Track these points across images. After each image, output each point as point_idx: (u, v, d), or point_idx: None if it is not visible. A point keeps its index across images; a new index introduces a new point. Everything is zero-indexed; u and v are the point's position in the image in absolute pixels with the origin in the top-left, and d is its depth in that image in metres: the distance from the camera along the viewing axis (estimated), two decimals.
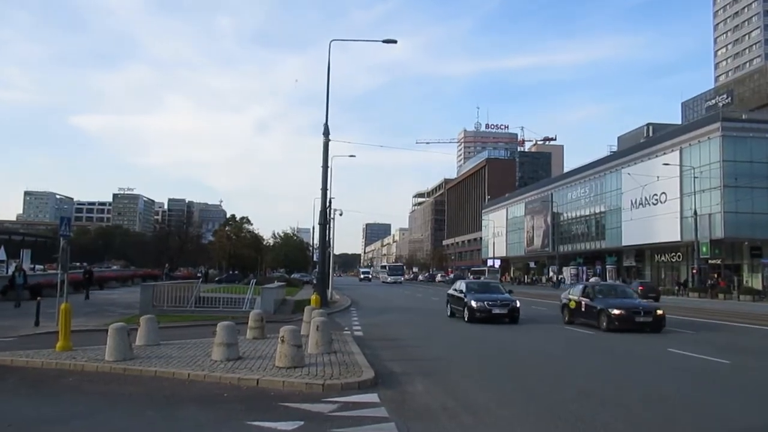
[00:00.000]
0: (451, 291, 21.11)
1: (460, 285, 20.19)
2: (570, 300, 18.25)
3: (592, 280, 24.79)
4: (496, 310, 18.01)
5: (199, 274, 54.81)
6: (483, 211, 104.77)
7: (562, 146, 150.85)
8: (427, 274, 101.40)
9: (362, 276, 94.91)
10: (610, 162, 65.12)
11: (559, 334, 15.53)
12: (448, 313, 20.56)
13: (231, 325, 9.99)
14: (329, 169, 26.08)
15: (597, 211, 66.73)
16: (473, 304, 18.06)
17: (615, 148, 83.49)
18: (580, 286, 18.95)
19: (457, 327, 17.24)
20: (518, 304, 18.45)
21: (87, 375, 9.03)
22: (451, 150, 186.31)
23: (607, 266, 63.79)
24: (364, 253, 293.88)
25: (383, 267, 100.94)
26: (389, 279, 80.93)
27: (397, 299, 36.31)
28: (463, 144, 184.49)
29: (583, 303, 17.35)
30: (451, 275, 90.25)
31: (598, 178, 66.37)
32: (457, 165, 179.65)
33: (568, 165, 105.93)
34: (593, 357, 11.69)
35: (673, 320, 18.77)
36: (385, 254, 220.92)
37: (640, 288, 41.98)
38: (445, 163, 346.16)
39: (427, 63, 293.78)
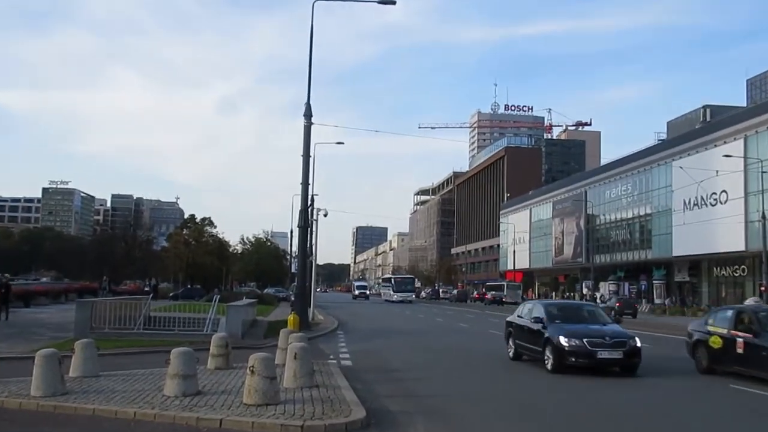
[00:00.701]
0: (513, 319, 16.96)
1: (534, 309, 15.83)
2: (711, 334, 14.27)
3: (749, 301, 20.41)
4: (604, 354, 13.53)
5: (146, 288, 54.77)
6: (501, 212, 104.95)
7: (599, 133, 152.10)
8: (430, 290, 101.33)
9: (357, 292, 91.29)
10: (658, 153, 65.41)
11: (719, 401, 11.53)
12: (511, 354, 16.44)
13: (188, 352, 9.95)
14: (312, 159, 26.08)
15: (641, 213, 66.99)
16: (563, 342, 13.67)
17: (664, 136, 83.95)
18: (730, 313, 14.57)
19: (527, 378, 13.57)
20: (638, 343, 14.04)
21: (8, 414, 8.96)
22: (462, 137, 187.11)
23: (654, 281, 64.00)
24: (354, 263, 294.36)
25: (386, 280, 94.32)
26: (395, 297, 74.23)
27: (395, 320, 36.44)
28: (476, 129, 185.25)
29: (739, 341, 13.32)
30: (455, 291, 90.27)
31: (643, 172, 66.64)
32: (470, 155, 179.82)
33: (606, 156, 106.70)
34: None
35: None
36: (380, 264, 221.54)
37: (617, 304, 44.46)
38: (454, 153, 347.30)
39: (432, 29, 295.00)
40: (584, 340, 13.63)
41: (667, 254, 61.68)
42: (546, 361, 14.14)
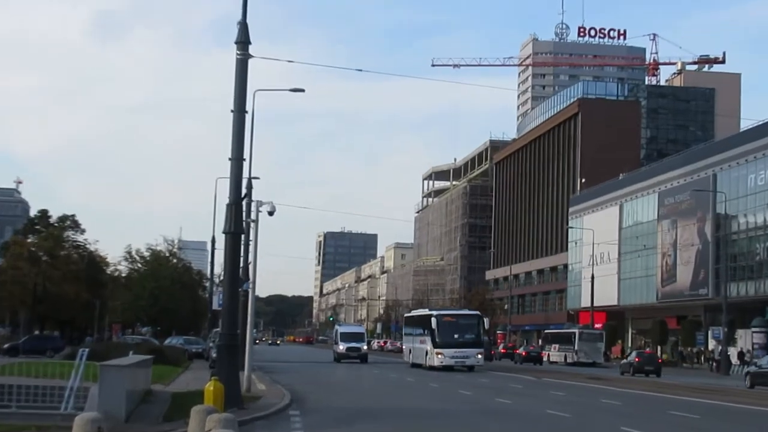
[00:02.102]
0: None
1: None
2: None
3: None
4: None
5: None
6: (570, 209, 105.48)
7: (738, 76, 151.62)
8: None
9: (344, 347, 79.37)
10: None
11: None
12: None
13: None
14: (250, 117, 25.98)
15: None
16: None
17: None
18: None
19: None
20: None
21: None
22: (505, 81, 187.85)
23: None
24: (321, 295, 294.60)
25: (414, 322, 70.79)
26: (440, 357, 59.61)
27: (391, 392, 36.67)
28: (530, 70, 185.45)
29: None
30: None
31: None
32: (518, 113, 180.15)
33: (750, 115, 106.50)
34: None
35: None
36: (363, 298, 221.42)
37: (636, 360, 55.77)
38: (492, 110, 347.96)
39: None
40: None
41: None
42: None
